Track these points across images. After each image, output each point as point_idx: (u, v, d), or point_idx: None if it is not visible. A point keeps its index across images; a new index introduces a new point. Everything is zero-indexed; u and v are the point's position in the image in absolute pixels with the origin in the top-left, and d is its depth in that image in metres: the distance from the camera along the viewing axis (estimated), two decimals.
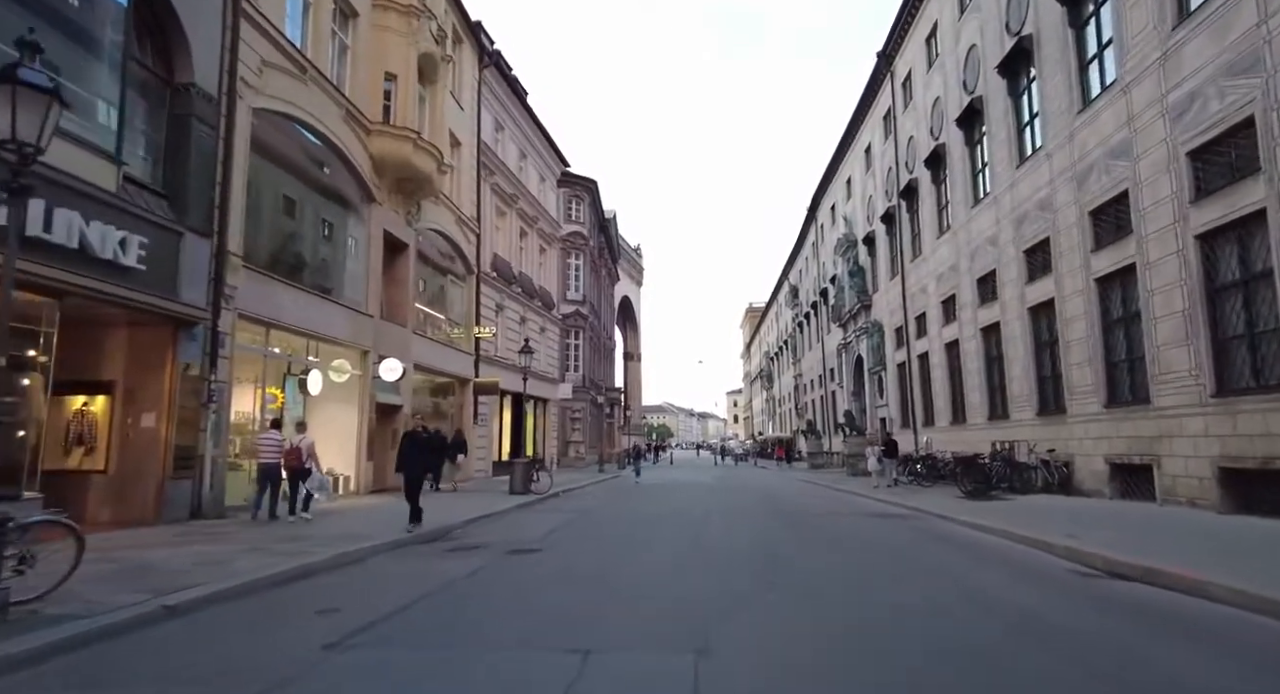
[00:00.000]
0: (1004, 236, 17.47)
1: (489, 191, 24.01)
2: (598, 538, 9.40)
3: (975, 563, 7.36)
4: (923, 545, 8.61)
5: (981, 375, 19.27)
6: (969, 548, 8.41)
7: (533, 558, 7.62)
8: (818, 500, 16.15)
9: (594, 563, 7.27)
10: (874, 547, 8.45)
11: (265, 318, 11.88)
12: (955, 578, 6.47)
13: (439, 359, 19.52)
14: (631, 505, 14.77)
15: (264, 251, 12.57)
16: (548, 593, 5.76)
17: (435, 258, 20.21)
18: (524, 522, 11.50)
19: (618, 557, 7.68)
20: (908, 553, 7.99)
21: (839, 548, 8.40)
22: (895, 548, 8.37)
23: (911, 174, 24.84)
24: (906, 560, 7.44)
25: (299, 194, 13.99)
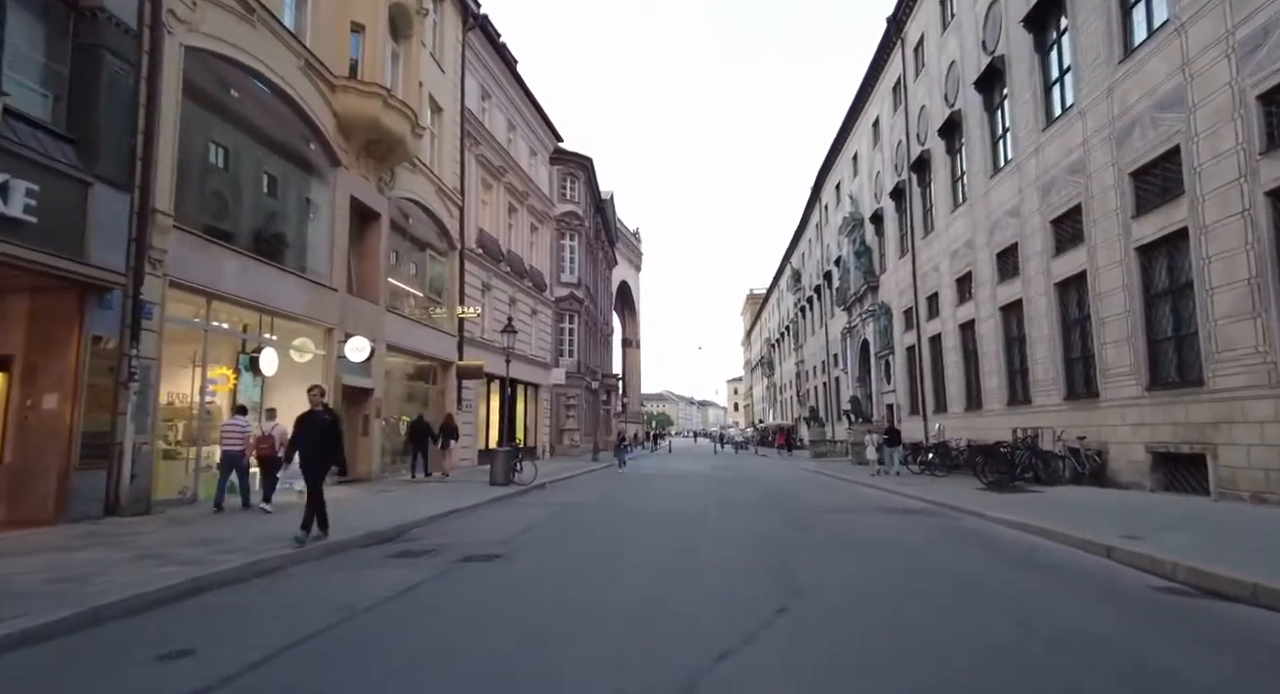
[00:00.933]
0: (1028, 206, 16.06)
1: (474, 162, 22.56)
2: (575, 540, 8.08)
3: (1026, 574, 6.04)
4: (957, 551, 7.29)
5: (1000, 358, 17.92)
6: (1011, 553, 7.10)
7: (490, 568, 6.30)
8: (826, 493, 14.86)
9: (563, 576, 5.95)
10: (900, 553, 7.11)
11: (205, 287, 10.50)
12: (1011, 599, 5.14)
13: (417, 340, 18.17)
14: (621, 499, 13.47)
15: (205, 213, 11.20)
16: (493, 623, 4.43)
17: (413, 230, 18.81)
18: (496, 518, 10.19)
19: (594, 567, 6.34)
20: (942, 562, 6.66)
21: (859, 554, 7.07)
22: (925, 554, 7.04)
23: (923, 145, 23.36)
24: (943, 573, 6.10)
25: (250, 152, 12.58)
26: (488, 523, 9.55)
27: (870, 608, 4.85)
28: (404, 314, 17.88)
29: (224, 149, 11.96)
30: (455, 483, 15.66)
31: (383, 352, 16.01)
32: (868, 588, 5.44)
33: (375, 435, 15.63)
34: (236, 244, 11.56)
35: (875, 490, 15.06)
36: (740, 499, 13.21)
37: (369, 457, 15.42)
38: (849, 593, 5.24)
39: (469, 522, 9.72)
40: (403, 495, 12.69)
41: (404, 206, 17.84)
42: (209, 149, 11.52)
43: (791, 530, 8.65)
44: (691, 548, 7.36)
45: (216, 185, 11.79)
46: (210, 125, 11.50)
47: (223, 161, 11.96)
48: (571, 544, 7.69)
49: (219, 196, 11.90)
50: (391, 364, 17.90)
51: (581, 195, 37.93)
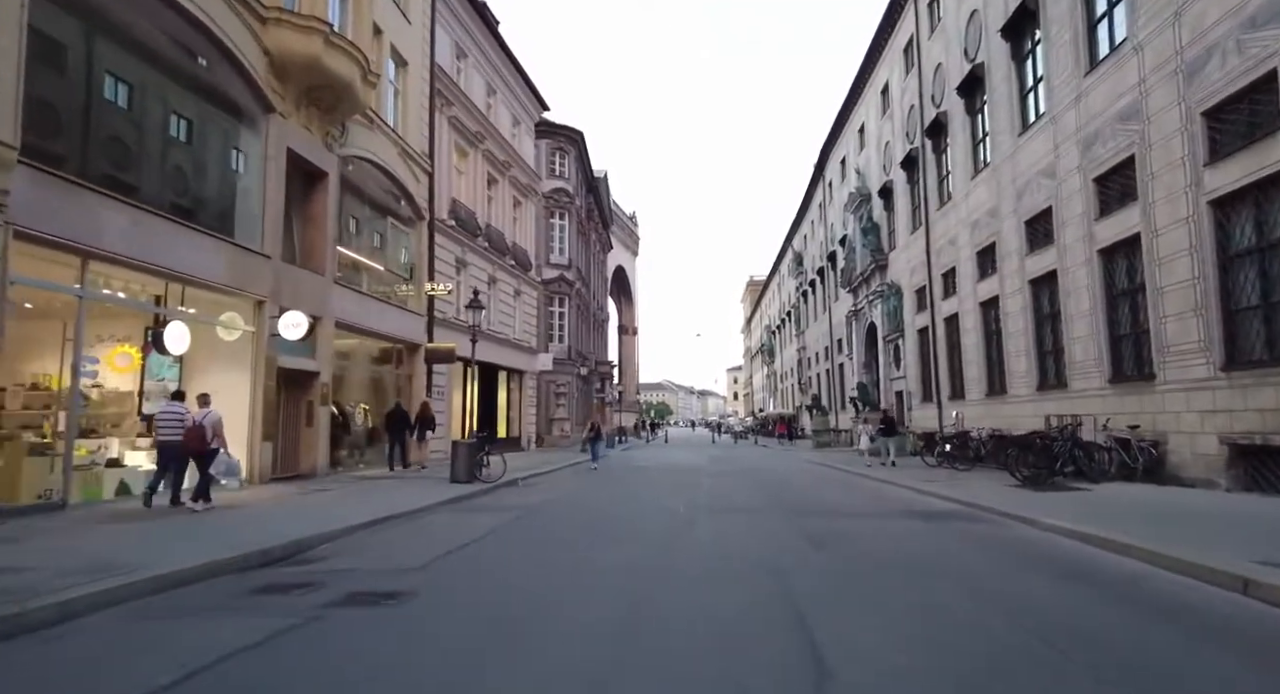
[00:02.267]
0: (1065, 164, 14.09)
1: (446, 125, 20.53)
2: (511, 567, 6.13)
3: (1155, 627, 4.15)
4: (1029, 580, 5.39)
5: (1029, 337, 16.00)
6: (1105, 584, 5.21)
7: (372, 617, 4.39)
8: (836, 490, 12.97)
9: (468, 638, 4.02)
10: (956, 586, 5.18)
11: (79, 243, 8.55)
12: (1165, 680, 3.25)
13: (378, 318, 16.23)
14: (596, 501, 11.56)
15: (90, 155, 9.24)
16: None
17: (372, 196, 16.84)
18: (433, 528, 8.29)
19: (518, 622, 4.40)
20: (1018, 601, 4.75)
21: (902, 590, 5.12)
22: (991, 589, 5.13)
23: (939, 108, 21.33)
24: (1033, 626, 4.16)
25: (153, 86, 10.58)
26: (420, 536, 7.65)
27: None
28: (360, 289, 15.93)
29: (120, 82, 9.96)
30: (415, 479, 13.79)
31: (331, 330, 14.08)
32: (934, 664, 3.52)
33: (322, 425, 13.73)
34: (134, 196, 9.59)
35: (892, 487, 13.19)
36: (737, 499, 11.31)
37: (313, 450, 13.53)
38: (906, 677, 3.33)
39: (399, 534, 7.83)
40: (339, 496, 10.80)
41: (361, 169, 15.86)
42: (96, 79, 9.52)
43: (802, 548, 6.74)
44: (668, 579, 5.46)
45: (107, 124, 9.81)
46: (101, 52, 9.51)
47: (117, 96, 9.97)
48: (503, 574, 5.74)
49: (113, 139, 9.93)
50: (346, 345, 15.99)
51: (572, 171, 35.88)
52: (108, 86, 9.74)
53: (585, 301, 40.30)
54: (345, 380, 16.30)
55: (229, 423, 10.26)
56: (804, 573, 5.57)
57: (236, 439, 11.47)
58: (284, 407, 12.94)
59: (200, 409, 9.18)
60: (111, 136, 9.89)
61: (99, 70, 9.56)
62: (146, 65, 10.33)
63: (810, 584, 5.18)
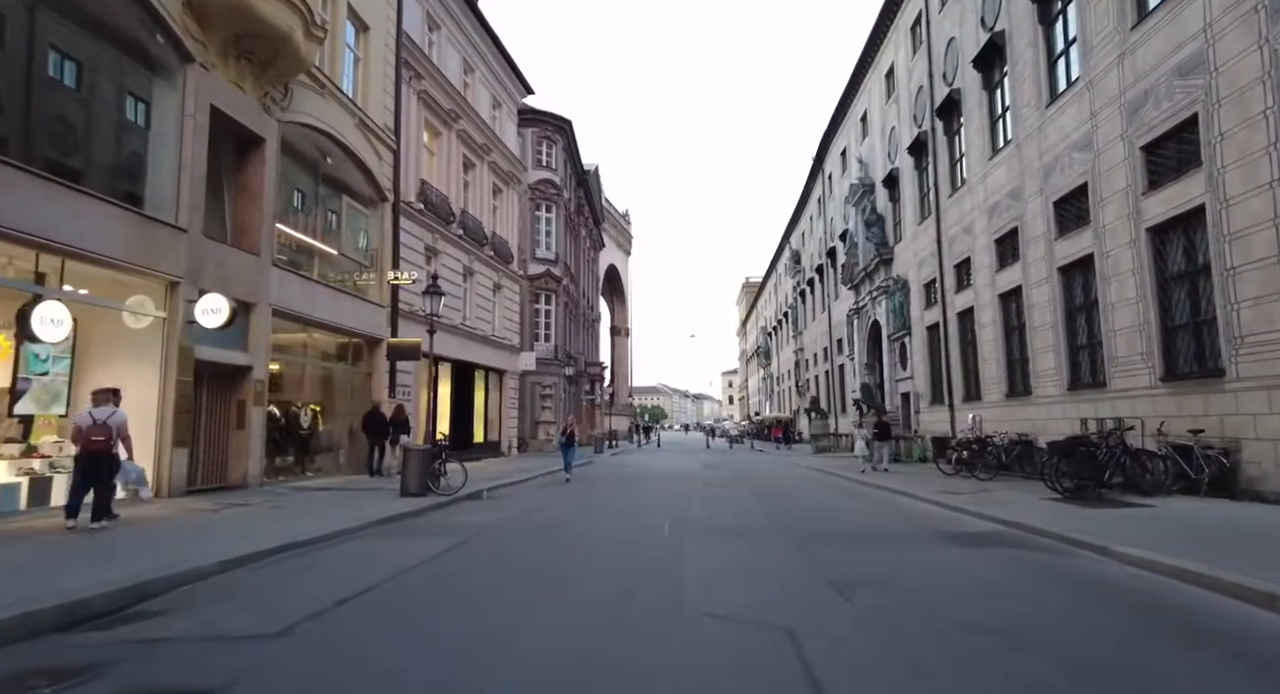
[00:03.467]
0: (1106, 133, 12.40)
1: (415, 100, 18.76)
2: (411, 633, 4.31)
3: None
4: (1157, 656, 3.64)
5: (1058, 331, 14.29)
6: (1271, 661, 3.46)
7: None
8: (847, 504, 11.20)
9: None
10: (1054, 667, 3.41)
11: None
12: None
13: (328, 308, 14.41)
14: (567, 519, 9.73)
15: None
16: None
17: (326, 170, 15.06)
18: (343, 562, 6.49)
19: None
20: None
21: (976, 674, 3.37)
22: (1106, 669, 3.37)
23: (952, 85, 19.67)
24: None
25: (30, 17, 8.79)
26: (312, 575, 5.84)
27: None
28: (309, 274, 14.13)
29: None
30: (366, 491, 12.00)
31: (267, 319, 12.26)
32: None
33: (255, 429, 11.90)
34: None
35: (910, 500, 11.45)
36: (734, 518, 9.50)
37: (244, 456, 11.69)
38: None
39: (289, 571, 6.02)
40: (257, 514, 8.99)
41: (310, 139, 14.07)
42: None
43: (826, 597, 4.94)
44: (627, 676, 3.67)
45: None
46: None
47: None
48: (375, 657, 3.88)
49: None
50: (293, 339, 14.19)
51: (559, 162, 34.18)
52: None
53: (574, 299, 38.54)
54: (291, 378, 14.48)
55: (133, 424, 8.48)
56: (838, 647, 3.78)
57: (142, 444, 9.63)
58: (207, 407, 11.12)
59: (103, 408, 7.76)
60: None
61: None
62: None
63: (851, 672, 3.40)
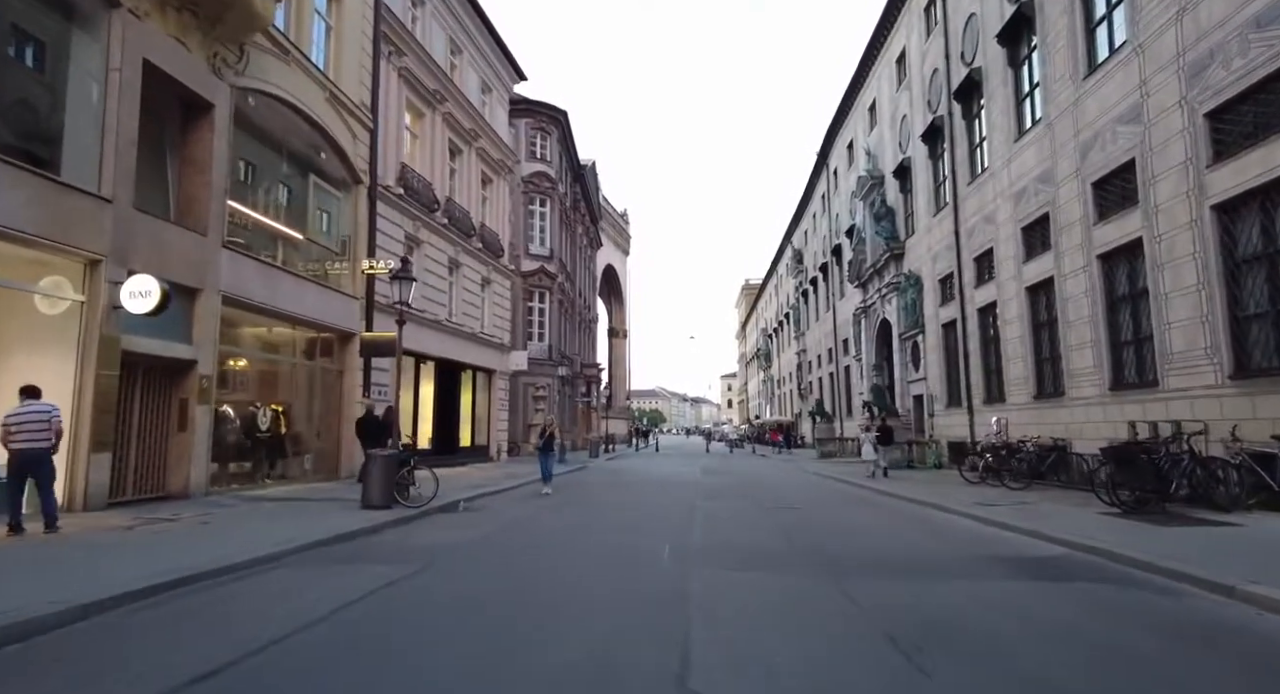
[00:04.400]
0: (1158, 102, 11.07)
1: (395, 77, 17.41)
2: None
3: None
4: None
5: (1098, 326, 12.94)
6: None
7: None
8: (877, 523, 9.78)
9: None
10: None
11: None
12: None
13: (292, 297, 13.03)
14: (547, 540, 8.23)
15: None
16: None
17: (290, 146, 13.70)
18: (253, 602, 5.11)
19: None
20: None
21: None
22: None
23: (971, 64, 18.35)
24: None
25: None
26: (191, 629, 4.44)
27: None
28: (270, 259, 12.76)
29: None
30: (325, 502, 10.62)
31: (215, 306, 10.87)
32: None
33: (200, 431, 10.51)
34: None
35: (942, 513, 10.08)
36: (745, 538, 8.08)
37: (186, 462, 10.29)
38: None
39: (162, 625, 4.63)
40: (178, 533, 7.59)
41: (272, 111, 12.72)
42: None
43: (885, 660, 3.54)
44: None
45: None
46: None
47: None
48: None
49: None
50: (251, 332, 12.82)
51: (555, 155, 32.85)
52: None
53: (569, 298, 37.18)
54: (250, 374, 13.11)
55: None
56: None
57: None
58: (141, 405, 9.74)
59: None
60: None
61: None
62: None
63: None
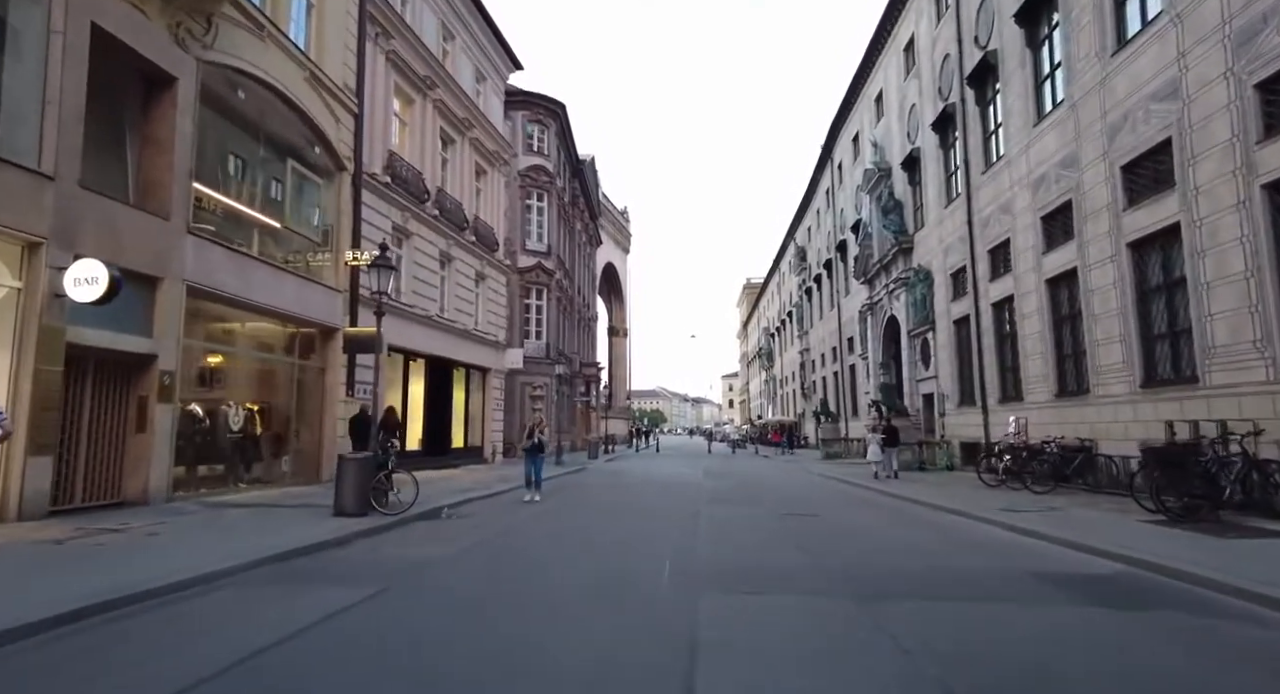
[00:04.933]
0: (1200, 74, 10.23)
1: (382, 61, 16.59)
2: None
3: None
4: None
5: (1127, 318, 12.11)
6: None
7: None
8: (900, 533, 8.93)
9: None
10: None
11: None
12: None
13: (269, 289, 12.19)
14: (533, 554, 7.40)
15: None
16: None
17: (268, 129, 12.88)
18: (176, 635, 4.29)
19: None
20: None
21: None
22: None
23: (986, 48, 17.53)
24: None
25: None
26: (84, 672, 3.64)
27: None
28: (244, 249, 11.93)
29: None
30: (292, 508, 9.80)
31: (179, 296, 10.04)
32: None
33: (161, 431, 9.68)
34: None
35: (968, 520, 9.25)
36: (755, 555, 7.22)
37: (145, 466, 9.46)
38: None
39: (45, 670, 3.82)
40: (117, 545, 6.77)
41: (248, 91, 11.89)
42: None
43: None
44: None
45: None
46: None
47: None
48: None
49: None
50: (222, 327, 12.00)
51: (552, 148, 32.02)
52: None
53: (568, 296, 36.35)
54: (222, 371, 12.27)
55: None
56: None
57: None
58: (92, 404, 8.92)
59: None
60: None
61: None
62: None
63: None
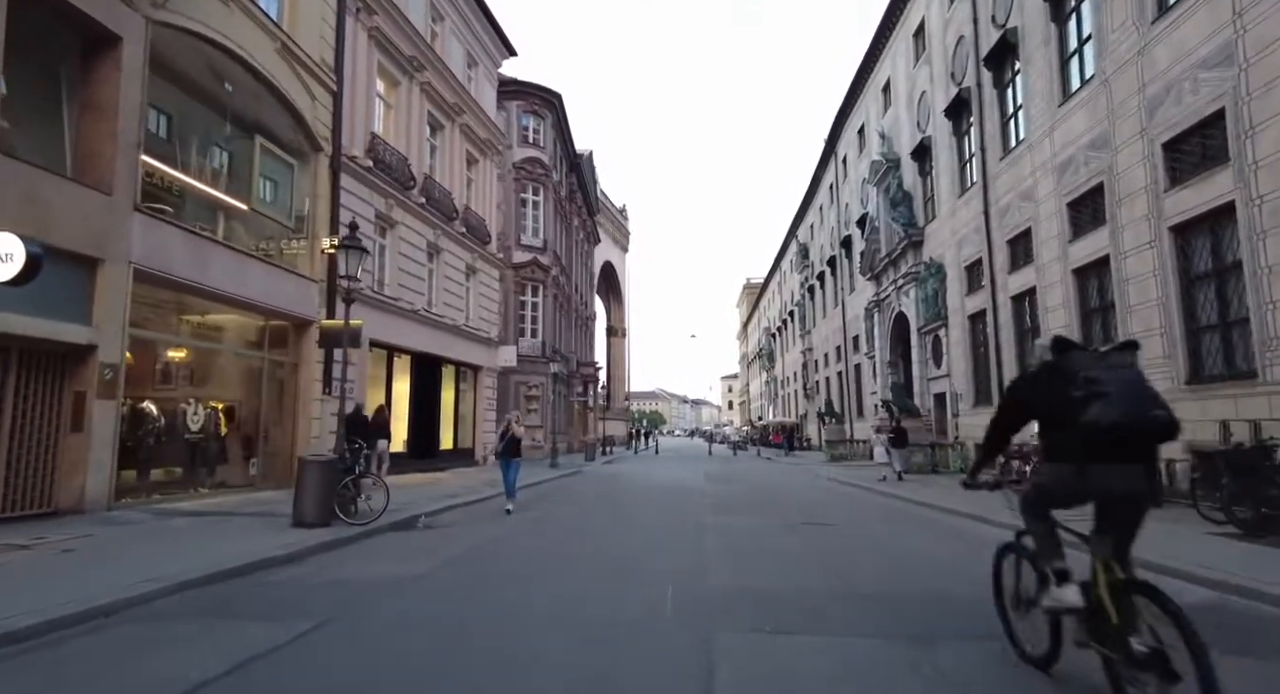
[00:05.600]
0: (1258, 36, 9.25)
1: (364, 38, 15.57)
2: None
3: None
4: None
5: (1169, 309, 11.11)
6: None
7: None
8: (937, 548, 7.85)
9: None
10: None
11: None
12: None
13: (231, 276, 11.15)
14: (508, 579, 6.24)
15: None
16: None
17: (234, 106, 11.86)
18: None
19: None
20: None
21: None
22: None
23: (1005, 25, 16.56)
24: None
25: None
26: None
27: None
28: (208, 233, 10.90)
29: None
30: (248, 517, 8.77)
31: (123, 281, 9.01)
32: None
33: (100, 431, 8.64)
34: None
35: (1005, 533, 8.20)
36: (774, 581, 6.07)
37: (81, 471, 8.41)
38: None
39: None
40: (18, 568, 5.73)
41: (210, 59, 10.87)
42: None
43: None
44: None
45: None
46: None
47: None
48: None
49: None
50: (180, 317, 10.97)
51: (548, 141, 31.05)
52: None
53: (565, 293, 35.32)
54: (180, 366, 11.24)
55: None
56: None
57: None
58: (15, 400, 7.88)
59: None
60: None
61: None
62: None
63: None
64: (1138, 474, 2.77)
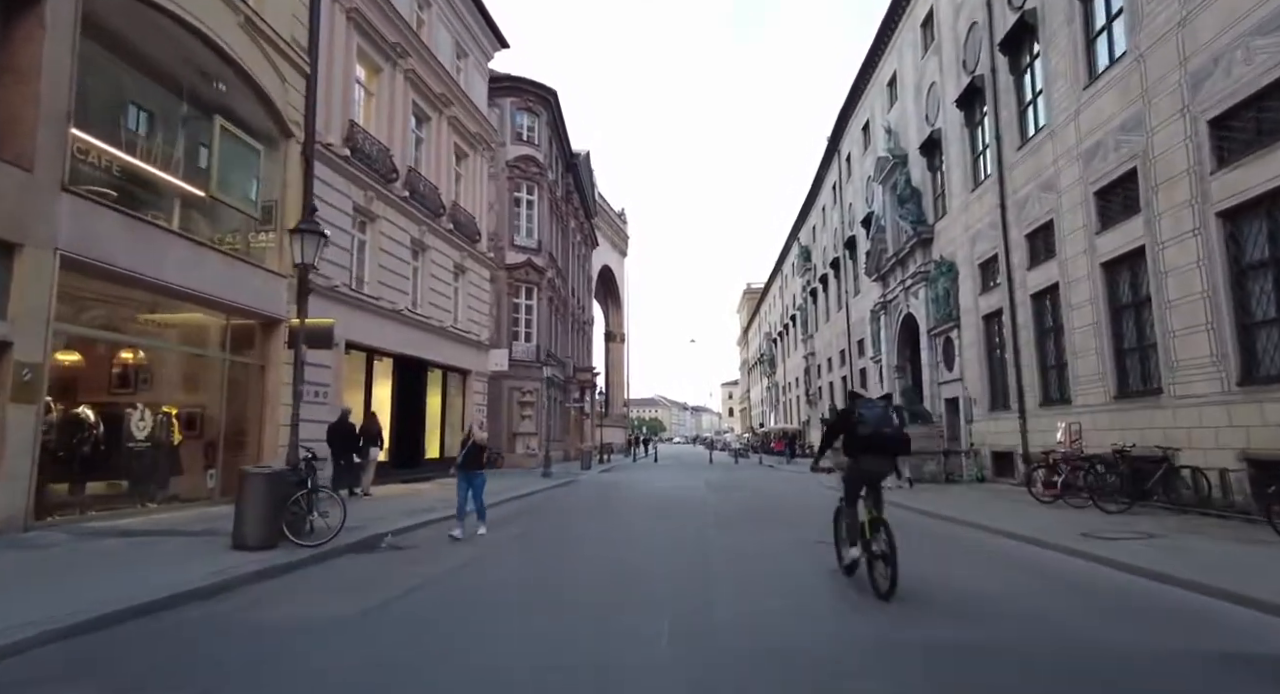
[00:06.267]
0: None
1: (342, 19, 14.59)
2: None
3: None
4: None
5: (1216, 304, 10.06)
6: None
7: None
8: (980, 577, 6.81)
9: None
10: None
11: None
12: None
13: (186, 268, 10.09)
14: (471, 620, 5.16)
15: None
16: None
17: (189, 82, 10.85)
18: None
19: None
20: None
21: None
22: None
23: (1022, 7, 15.59)
24: None
25: None
26: None
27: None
28: (160, 221, 9.86)
29: None
30: (187, 538, 7.71)
31: (48, 269, 7.96)
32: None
33: (19, 440, 7.57)
34: None
35: (1054, 554, 7.14)
36: (793, 620, 5.13)
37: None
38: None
39: None
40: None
41: (161, 28, 9.86)
42: None
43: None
44: None
45: None
46: None
47: None
48: None
49: None
50: (126, 312, 9.91)
51: (544, 139, 30.11)
52: None
53: (561, 296, 34.30)
54: (127, 367, 10.19)
55: None
56: None
57: None
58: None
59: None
60: None
61: None
62: None
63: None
64: (885, 462, 5.55)
